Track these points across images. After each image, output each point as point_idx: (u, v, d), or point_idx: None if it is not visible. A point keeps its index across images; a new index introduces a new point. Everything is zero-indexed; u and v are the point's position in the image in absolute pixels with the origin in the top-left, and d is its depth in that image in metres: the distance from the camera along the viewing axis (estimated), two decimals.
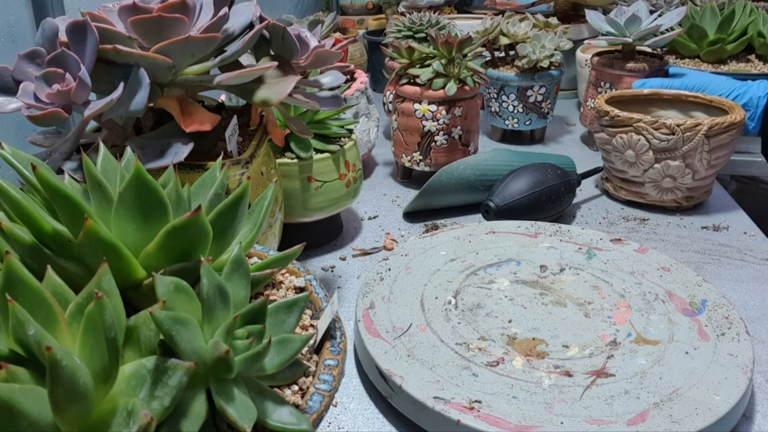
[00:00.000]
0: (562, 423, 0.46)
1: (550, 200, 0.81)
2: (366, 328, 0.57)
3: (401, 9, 1.51)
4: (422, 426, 0.49)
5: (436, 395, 0.49)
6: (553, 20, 1.16)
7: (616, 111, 0.84)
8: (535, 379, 0.51)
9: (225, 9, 0.50)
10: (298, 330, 0.42)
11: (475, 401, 0.49)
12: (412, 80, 0.90)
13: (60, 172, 0.47)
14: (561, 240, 0.71)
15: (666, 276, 0.64)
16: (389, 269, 0.67)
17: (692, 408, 0.47)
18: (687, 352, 0.53)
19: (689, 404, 0.47)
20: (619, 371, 0.51)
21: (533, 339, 0.56)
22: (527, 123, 1.11)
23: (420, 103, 0.88)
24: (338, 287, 0.71)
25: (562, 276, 0.65)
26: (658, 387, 0.49)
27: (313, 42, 0.56)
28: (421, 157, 0.91)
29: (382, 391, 0.53)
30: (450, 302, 0.61)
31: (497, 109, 1.12)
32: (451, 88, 0.87)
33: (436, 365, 0.53)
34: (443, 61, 0.88)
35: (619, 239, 0.70)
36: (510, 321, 0.58)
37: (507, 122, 1.12)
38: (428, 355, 0.54)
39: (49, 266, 0.32)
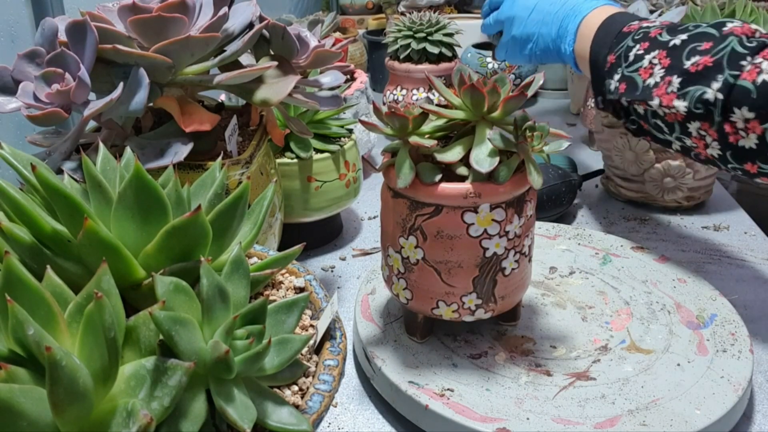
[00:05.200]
0: (528, 419, 0.47)
1: (551, 200, 0.81)
2: (362, 312, 0.59)
3: (401, 9, 1.51)
4: (396, 408, 0.51)
5: (411, 380, 0.50)
6: None
7: None
8: (512, 375, 0.51)
9: (225, 9, 0.50)
10: (298, 330, 0.42)
11: (448, 389, 0.50)
12: (444, 172, 0.49)
13: (59, 172, 0.47)
14: (579, 243, 0.71)
15: (680, 287, 0.63)
16: None
17: (667, 419, 0.46)
18: (679, 364, 0.52)
19: (665, 415, 0.47)
20: (601, 376, 0.51)
21: (522, 337, 0.56)
22: None
23: (476, 211, 0.49)
24: (338, 287, 0.71)
25: (570, 279, 0.65)
26: (638, 395, 0.49)
27: (313, 42, 0.56)
28: (480, 301, 0.51)
29: (366, 372, 0.55)
30: None
31: None
32: (536, 175, 0.48)
33: (419, 352, 0.54)
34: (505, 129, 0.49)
35: (641, 247, 0.69)
36: None
37: None
38: (414, 343, 0.55)
39: (48, 266, 0.32)
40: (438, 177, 0.48)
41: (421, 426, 0.49)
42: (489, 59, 1.24)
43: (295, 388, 0.38)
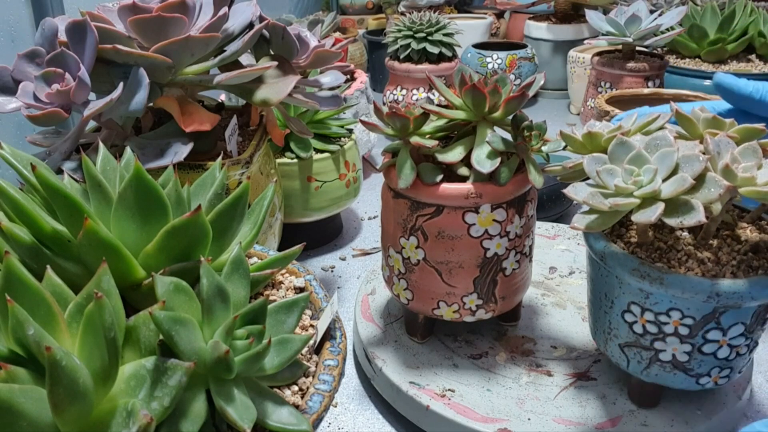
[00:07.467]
0: (529, 419, 0.47)
1: (551, 200, 0.81)
2: (362, 312, 0.59)
3: (401, 9, 1.51)
4: (397, 409, 0.51)
5: (412, 380, 0.51)
6: None
7: (617, 111, 0.84)
8: (513, 375, 0.51)
9: (225, 9, 0.50)
10: (298, 330, 0.42)
11: (449, 389, 0.50)
12: (446, 173, 0.49)
13: (59, 172, 0.47)
14: (579, 244, 0.70)
15: None
16: None
17: (668, 419, 0.46)
18: None
19: (666, 415, 0.47)
20: (602, 376, 0.51)
21: (522, 337, 0.56)
22: None
23: (477, 211, 0.48)
24: (338, 287, 0.71)
25: (570, 279, 0.65)
26: None
27: (313, 42, 0.56)
28: (480, 302, 0.51)
29: (366, 372, 0.55)
30: None
31: None
32: (537, 174, 0.47)
33: (419, 353, 0.54)
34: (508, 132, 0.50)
35: None
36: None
37: None
38: (415, 343, 0.55)
39: (48, 266, 0.32)
40: (439, 177, 0.48)
41: (422, 426, 0.49)
42: (489, 59, 1.24)
43: (295, 388, 0.38)
